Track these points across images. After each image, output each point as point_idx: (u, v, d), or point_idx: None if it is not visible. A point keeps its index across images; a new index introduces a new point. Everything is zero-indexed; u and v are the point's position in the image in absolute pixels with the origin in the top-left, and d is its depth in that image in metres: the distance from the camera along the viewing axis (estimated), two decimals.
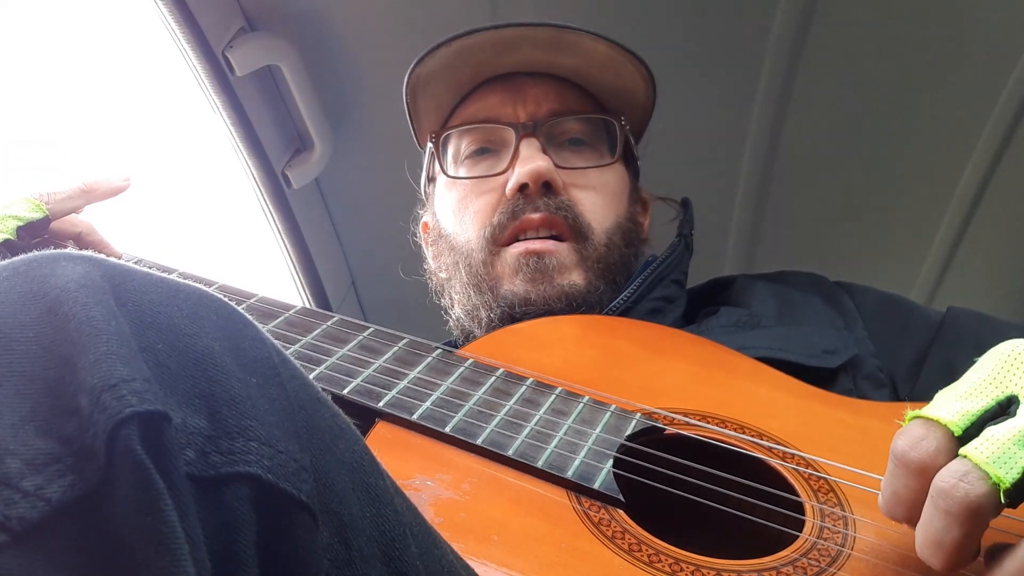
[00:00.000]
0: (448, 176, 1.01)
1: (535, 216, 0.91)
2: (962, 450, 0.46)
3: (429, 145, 1.04)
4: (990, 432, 0.46)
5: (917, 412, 0.49)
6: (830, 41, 1.36)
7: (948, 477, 0.45)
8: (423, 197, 1.10)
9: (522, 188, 0.92)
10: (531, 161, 0.91)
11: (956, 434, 0.47)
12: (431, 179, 1.08)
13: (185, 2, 1.13)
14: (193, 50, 1.17)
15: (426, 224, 1.09)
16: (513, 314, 0.90)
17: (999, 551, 0.46)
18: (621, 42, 0.96)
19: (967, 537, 0.44)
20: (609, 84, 0.99)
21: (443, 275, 1.01)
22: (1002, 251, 1.65)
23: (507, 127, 0.96)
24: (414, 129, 1.07)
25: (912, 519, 0.48)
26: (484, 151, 0.99)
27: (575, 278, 0.91)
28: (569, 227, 0.92)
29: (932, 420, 0.48)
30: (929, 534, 0.46)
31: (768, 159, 1.53)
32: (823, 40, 1.35)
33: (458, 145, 1.01)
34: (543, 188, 0.92)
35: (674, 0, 1.32)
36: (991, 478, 0.44)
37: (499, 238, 0.93)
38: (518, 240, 0.92)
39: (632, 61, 0.97)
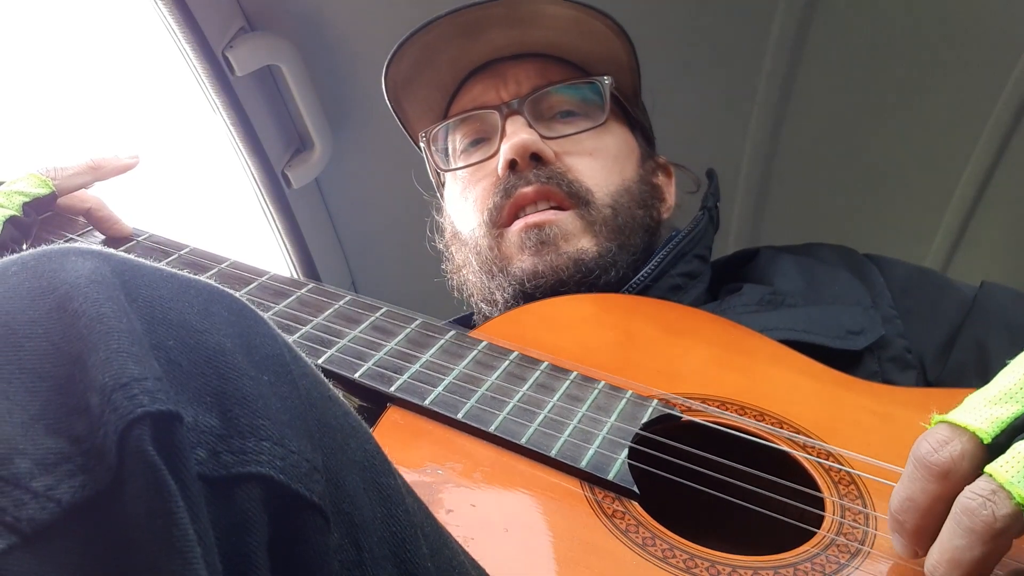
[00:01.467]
0: (443, 170, 1.01)
1: (528, 190, 0.89)
2: (987, 468, 0.44)
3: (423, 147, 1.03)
4: (1017, 448, 0.44)
5: (943, 416, 0.48)
6: (830, 41, 1.36)
7: (974, 496, 0.44)
8: (441, 201, 1.09)
9: (512, 166, 0.90)
10: (515, 136, 0.90)
11: (986, 441, 0.46)
12: (442, 184, 1.07)
13: (185, 2, 1.12)
14: (193, 50, 1.16)
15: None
16: (525, 290, 0.88)
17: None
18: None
19: (987, 557, 0.43)
20: (586, 50, 0.97)
21: (463, 272, 1.00)
22: (1002, 252, 1.65)
23: (492, 111, 0.95)
24: (408, 134, 1.07)
25: (920, 527, 0.47)
26: (478, 141, 0.98)
27: (584, 244, 0.89)
28: (565, 194, 0.89)
29: (959, 426, 0.47)
30: (947, 552, 0.44)
31: (768, 159, 1.53)
32: (823, 40, 1.35)
33: (453, 141, 1.01)
34: (533, 161, 0.90)
35: (675, 0, 1.32)
36: (1015, 498, 0.42)
37: (498, 219, 0.91)
38: (518, 218, 0.91)
39: (599, 18, 0.94)
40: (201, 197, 1.45)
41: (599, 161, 0.94)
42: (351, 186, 1.51)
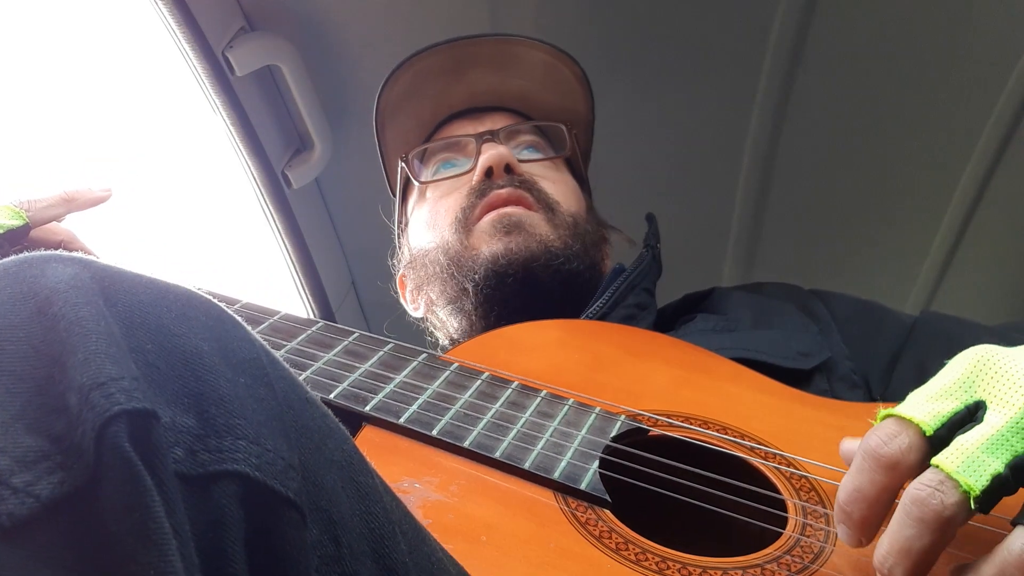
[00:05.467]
0: (420, 182, 1.08)
1: (502, 192, 0.97)
2: (934, 460, 0.46)
3: (398, 193, 1.13)
4: (960, 440, 0.46)
5: (890, 411, 0.50)
6: (830, 41, 1.36)
7: (923, 486, 0.45)
8: (398, 246, 1.15)
9: (489, 173, 0.99)
10: (493, 149, 0.99)
11: (928, 433, 0.48)
12: (405, 205, 1.14)
13: (185, 2, 1.13)
14: (193, 50, 1.17)
15: (403, 277, 1.13)
16: (498, 269, 0.92)
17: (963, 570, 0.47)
18: (556, 44, 1.07)
19: (936, 545, 0.45)
20: (553, 104, 1.10)
21: (425, 290, 1.03)
22: (1002, 251, 1.65)
23: (470, 139, 1.05)
24: (383, 160, 1.15)
25: (866, 517, 0.49)
26: (450, 164, 1.07)
27: (551, 235, 0.96)
28: (535, 200, 0.98)
29: (905, 419, 0.49)
30: (897, 542, 0.46)
31: (768, 160, 1.54)
32: (823, 40, 1.35)
33: (428, 162, 1.09)
34: (506, 172, 0.99)
35: (674, 0, 1.32)
36: (962, 486, 0.44)
37: (470, 217, 0.97)
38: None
39: (568, 65, 1.08)
40: (201, 197, 1.46)
41: (560, 187, 1.04)
42: (351, 186, 1.52)
